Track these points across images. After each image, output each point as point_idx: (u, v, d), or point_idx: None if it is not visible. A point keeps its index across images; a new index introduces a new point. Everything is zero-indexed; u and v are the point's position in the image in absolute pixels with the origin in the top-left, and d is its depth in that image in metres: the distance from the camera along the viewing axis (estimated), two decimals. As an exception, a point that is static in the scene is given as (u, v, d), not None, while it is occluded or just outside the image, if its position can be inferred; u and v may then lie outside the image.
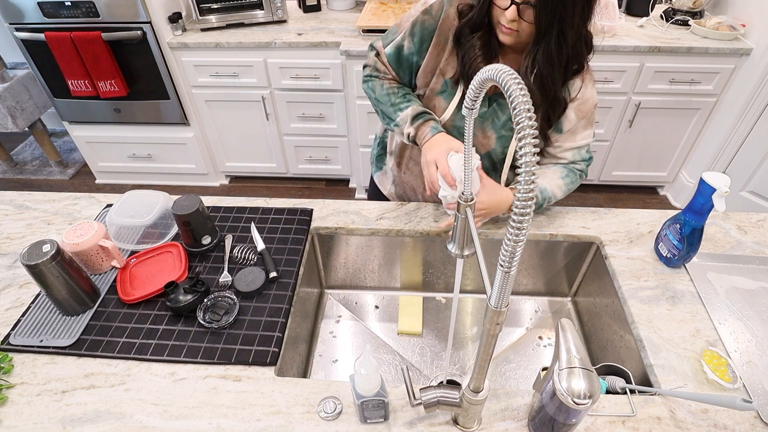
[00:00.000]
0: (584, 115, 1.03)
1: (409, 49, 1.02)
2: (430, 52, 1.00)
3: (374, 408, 0.74)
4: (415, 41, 1.00)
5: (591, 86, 1.01)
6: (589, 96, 1.01)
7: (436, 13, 0.96)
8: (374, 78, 1.09)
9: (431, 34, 0.98)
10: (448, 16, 0.96)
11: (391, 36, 1.04)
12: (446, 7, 0.95)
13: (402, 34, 1.01)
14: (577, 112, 1.02)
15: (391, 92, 1.06)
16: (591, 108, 1.03)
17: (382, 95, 1.07)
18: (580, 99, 1.00)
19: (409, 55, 1.02)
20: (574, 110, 1.01)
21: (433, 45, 0.99)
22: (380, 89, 1.08)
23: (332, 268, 1.29)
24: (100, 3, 2.07)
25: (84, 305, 0.96)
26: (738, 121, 2.16)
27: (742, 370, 0.85)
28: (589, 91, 1.00)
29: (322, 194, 2.76)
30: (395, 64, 1.05)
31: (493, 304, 0.52)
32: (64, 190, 2.75)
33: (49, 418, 0.80)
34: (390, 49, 1.04)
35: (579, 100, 1.00)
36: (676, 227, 0.99)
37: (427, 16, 0.97)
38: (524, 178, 0.39)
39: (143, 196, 1.15)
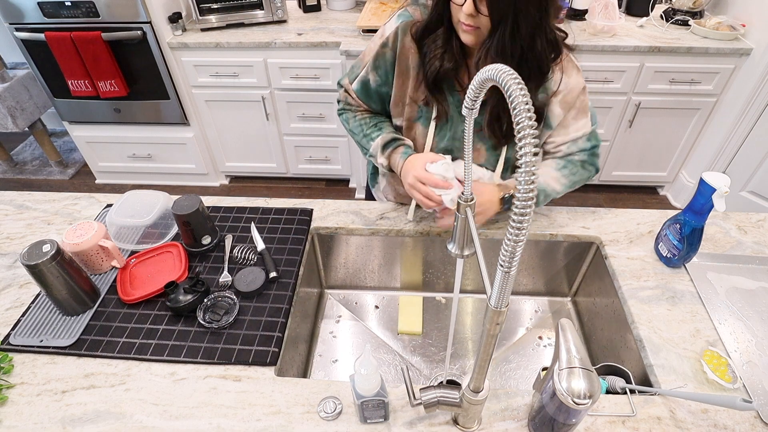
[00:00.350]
0: (571, 105, 0.99)
1: (376, 82, 1.03)
2: (396, 83, 1.01)
3: (374, 408, 0.74)
4: (380, 74, 1.02)
5: (575, 74, 0.96)
6: (574, 84, 0.97)
7: (393, 43, 0.97)
8: (347, 110, 1.12)
9: (393, 64, 0.99)
10: (404, 45, 0.96)
11: (356, 71, 1.05)
12: (401, 36, 0.96)
13: (365, 69, 1.03)
14: (562, 104, 0.98)
15: (363, 123, 1.08)
16: (577, 96, 0.98)
17: (354, 126, 1.09)
18: (563, 90, 0.96)
19: (377, 87, 1.04)
20: (558, 104, 0.98)
21: (396, 75, 1.00)
22: (353, 121, 1.10)
23: (332, 268, 1.29)
24: (100, 3, 2.07)
25: (84, 305, 0.96)
26: (738, 121, 2.16)
27: (742, 370, 0.85)
28: (572, 79, 0.96)
29: (322, 194, 2.76)
30: (364, 98, 1.07)
31: (493, 304, 0.52)
32: (64, 190, 2.75)
33: (49, 418, 0.80)
34: (356, 84, 1.05)
35: (562, 92, 0.96)
36: (676, 227, 0.99)
37: (385, 48, 0.98)
38: (524, 178, 0.39)
39: (143, 196, 1.15)
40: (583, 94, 0.99)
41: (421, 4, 0.96)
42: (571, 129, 1.02)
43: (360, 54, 1.06)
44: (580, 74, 0.98)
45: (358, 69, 1.05)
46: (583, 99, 1.00)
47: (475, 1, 0.81)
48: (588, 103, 1.01)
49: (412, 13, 0.96)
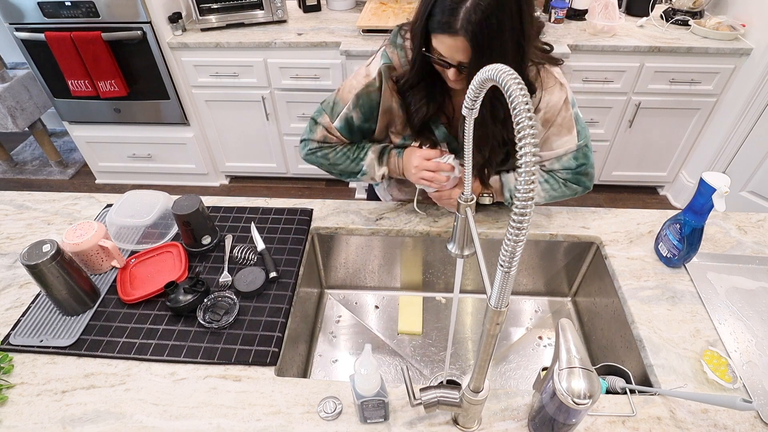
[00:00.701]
0: (552, 122, 0.97)
1: (359, 119, 1.03)
2: (381, 120, 1.03)
3: (374, 408, 0.74)
4: (363, 112, 1.02)
5: (557, 90, 0.94)
6: (555, 101, 0.94)
7: (377, 85, 0.99)
8: (323, 148, 1.08)
9: (377, 103, 1.01)
10: (387, 89, 0.98)
11: (336, 108, 1.04)
12: (385, 79, 0.97)
13: (348, 107, 1.02)
14: (542, 121, 0.96)
15: (347, 151, 1.08)
16: (558, 112, 0.95)
17: (338, 158, 1.08)
18: (542, 108, 0.95)
19: (361, 124, 1.04)
20: (538, 121, 0.95)
21: (380, 114, 1.02)
22: (334, 153, 1.08)
23: (332, 268, 1.29)
24: (100, 3, 2.07)
25: (84, 305, 0.96)
26: (738, 121, 2.16)
27: (742, 370, 0.85)
28: (554, 96, 0.94)
29: (322, 194, 2.76)
30: (348, 134, 1.06)
31: (493, 304, 0.52)
32: (64, 190, 2.75)
33: (49, 418, 0.80)
34: (339, 122, 1.04)
35: (542, 109, 0.95)
36: (676, 227, 0.99)
37: (370, 89, 0.99)
38: (524, 178, 0.39)
39: (143, 196, 1.15)
40: (565, 110, 0.96)
41: (399, 46, 0.96)
42: (555, 145, 1.00)
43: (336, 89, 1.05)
44: (564, 89, 0.95)
45: (338, 107, 1.04)
46: (565, 115, 0.97)
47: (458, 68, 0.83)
48: (572, 118, 0.98)
49: (390, 56, 0.97)
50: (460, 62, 0.82)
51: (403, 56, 0.96)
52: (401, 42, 0.96)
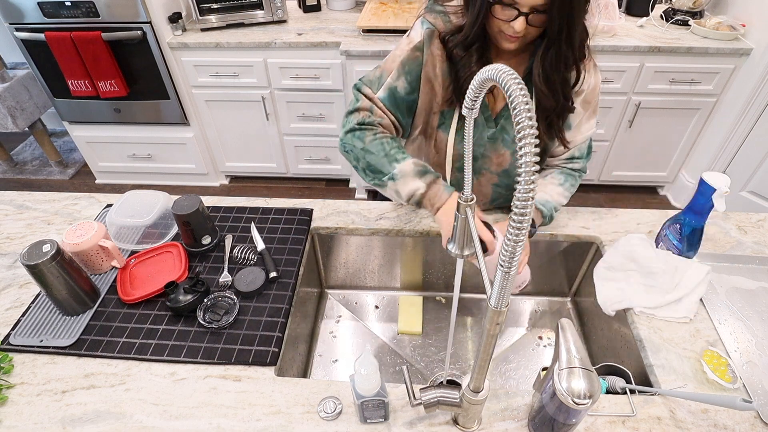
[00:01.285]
0: (590, 104, 0.99)
1: (404, 89, 0.96)
2: (423, 90, 0.96)
3: (374, 408, 0.74)
4: (409, 80, 0.96)
5: (594, 71, 0.96)
6: (594, 83, 0.97)
7: (423, 48, 0.93)
8: (365, 128, 0.97)
9: (420, 68, 0.95)
10: (431, 53, 0.93)
11: (379, 81, 0.98)
12: (428, 43, 0.92)
13: (392, 75, 0.95)
14: (583, 103, 0.98)
15: (385, 141, 0.96)
16: (596, 95, 0.99)
17: (374, 145, 0.96)
18: (585, 89, 0.96)
19: (405, 94, 0.97)
20: (580, 103, 0.98)
21: (423, 83, 0.96)
22: (372, 137, 0.96)
23: (332, 268, 1.29)
24: (100, 3, 2.07)
25: (84, 305, 0.96)
26: (738, 121, 2.16)
27: (742, 370, 0.85)
28: (593, 78, 0.96)
29: (322, 194, 2.76)
30: (392, 107, 0.98)
31: (493, 304, 0.52)
32: (64, 190, 2.75)
33: (49, 418, 0.80)
34: (383, 92, 0.96)
35: (585, 90, 0.96)
36: (676, 227, 0.99)
37: (417, 53, 0.94)
38: (524, 178, 0.39)
39: (143, 196, 1.15)
40: (599, 93, 0.99)
41: (440, 12, 0.93)
42: (584, 128, 1.02)
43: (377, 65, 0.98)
44: (598, 71, 0.97)
45: (381, 78, 0.97)
46: (598, 98, 1.00)
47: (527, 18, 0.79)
48: (598, 104, 1.02)
49: (432, 22, 0.93)
50: (534, 7, 0.78)
51: (448, 21, 0.91)
52: (441, 8, 0.93)
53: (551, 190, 1.06)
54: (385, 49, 2.05)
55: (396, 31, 2.14)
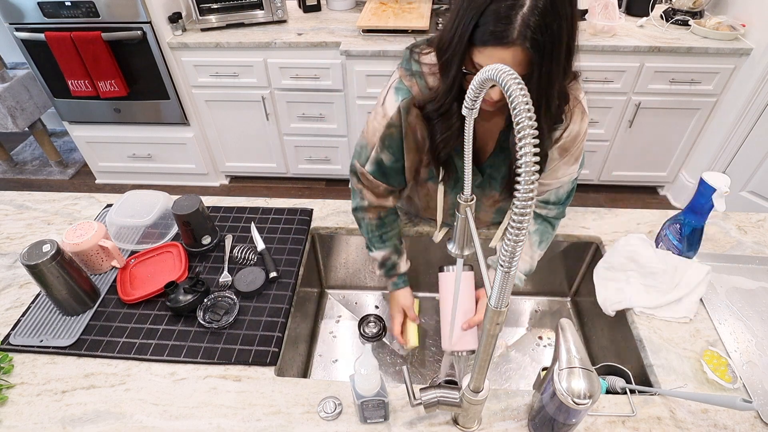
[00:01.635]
0: (568, 151, 0.93)
1: (390, 160, 0.97)
2: (407, 157, 0.96)
3: (374, 408, 0.74)
4: (392, 152, 0.96)
5: (579, 119, 0.89)
6: (577, 131, 0.90)
7: (397, 122, 0.90)
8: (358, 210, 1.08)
9: (401, 141, 0.93)
10: (409, 124, 0.90)
11: (365, 152, 0.99)
12: (404, 116, 0.89)
13: (375, 150, 0.96)
14: (560, 150, 0.92)
15: (370, 228, 1.08)
16: (577, 142, 0.93)
17: (364, 227, 1.09)
18: (565, 137, 0.90)
19: (392, 164, 0.98)
20: (557, 149, 0.92)
21: (406, 152, 0.95)
22: (362, 222, 1.09)
23: (332, 268, 1.29)
24: (100, 3, 2.07)
25: (84, 305, 0.96)
26: (738, 121, 2.16)
27: (742, 370, 0.85)
28: (576, 125, 0.89)
29: (322, 194, 2.76)
30: (381, 177, 1.00)
31: (493, 304, 0.52)
32: (64, 190, 2.75)
33: (49, 418, 0.80)
34: (369, 166, 0.99)
35: (564, 138, 0.90)
36: (676, 227, 0.99)
37: (391, 129, 0.91)
38: (524, 178, 0.39)
39: (143, 196, 1.15)
40: (581, 141, 0.94)
41: (416, 73, 0.87)
42: (560, 173, 0.97)
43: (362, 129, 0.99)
44: (586, 117, 0.91)
45: (367, 150, 0.98)
46: (580, 146, 0.94)
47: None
48: (582, 150, 0.96)
49: (409, 86, 0.88)
50: None
51: (424, 84, 0.86)
52: (418, 69, 0.87)
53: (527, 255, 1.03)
54: (385, 49, 2.05)
55: (396, 31, 2.14)
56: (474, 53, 0.72)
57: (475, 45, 0.71)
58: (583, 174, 2.56)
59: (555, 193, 1.01)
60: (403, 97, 0.88)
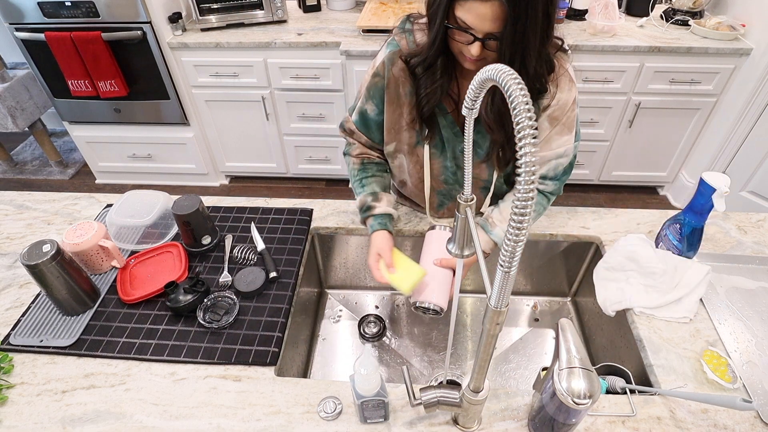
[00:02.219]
0: (558, 120, 0.94)
1: (373, 111, 1.02)
2: (387, 111, 1.00)
3: (374, 408, 0.74)
4: (376, 103, 1.01)
5: (567, 87, 0.91)
6: (566, 99, 0.92)
7: (383, 73, 0.96)
8: (347, 155, 1.12)
9: (382, 92, 0.98)
10: (392, 75, 0.95)
11: (354, 103, 1.06)
12: (389, 66, 0.94)
13: (362, 100, 1.02)
14: (550, 119, 0.94)
15: (353, 174, 1.10)
16: (566, 111, 0.94)
17: (350, 174, 1.12)
18: (553, 105, 0.92)
19: (375, 116, 1.03)
20: (546, 118, 0.94)
21: (387, 104, 0.99)
22: (348, 166, 1.12)
23: (332, 268, 1.29)
24: (100, 3, 2.07)
25: (84, 305, 0.96)
26: (738, 121, 2.16)
27: (742, 370, 0.85)
28: (564, 94, 0.91)
29: (322, 194, 2.76)
30: (364, 129, 1.06)
31: (493, 304, 0.52)
32: (64, 190, 2.75)
33: (49, 418, 0.80)
34: (355, 116, 1.05)
35: (552, 106, 0.92)
36: (676, 227, 0.99)
37: (377, 78, 0.97)
38: (524, 178, 0.39)
39: (143, 196, 1.15)
40: (572, 110, 0.95)
41: (407, 31, 0.94)
42: (554, 144, 0.98)
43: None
44: (574, 87, 0.93)
45: (356, 101, 1.05)
46: (571, 115, 0.95)
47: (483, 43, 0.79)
48: (575, 119, 0.97)
49: (398, 41, 0.94)
50: (488, 33, 0.77)
51: (413, 41, 0.93)
52: (410, 27, 0.94)
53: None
54: (385, 49, 2.05)
55: (396, 31, 2.14)
56: (456, 8, 0.77)
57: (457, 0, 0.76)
58: (583, 174, 2.57)
59: (553, 168, 1.01)
60: (391, 49, 0.95)
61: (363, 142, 1.09)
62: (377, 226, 1.04)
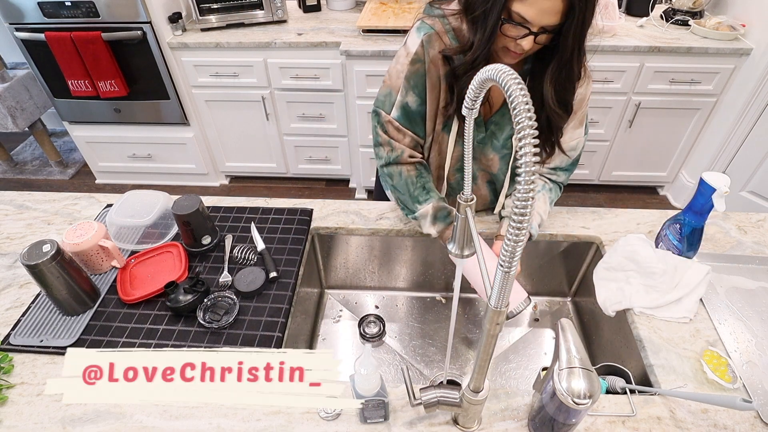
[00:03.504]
0: (575, 115, 0.97)
1: (415, 102, 0.97)
2: (429, 97, 0.96)
3: (374, 408, 0.74)
4: (417, 92, 0.96)
5: (586, 83, 0.95)
6: (583, 94, 0.95)
7: (422, 57, 0.92)
8: (392, 164, 1.02)
9: (425, 78, 0.94)
10: (431, 58, 0.91)
11: (389, 99, 0.98)
12: (428, 48, 0.91)
13: (401, 92, 0.96)
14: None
15: (410, 181, 1.01)
16: (583, 107, 0.98)
17: (400, 184, 1.02)
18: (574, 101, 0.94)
19: (417, 107, 0.97)
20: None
21: (429, 89, 0.95)
22: (398, 178, 1.02)
23: (332, 268, 1.29)
24: (100, 3, 2.07)
25: (84, 305, 0.96)
26: (738, 121, 2.16)
27: (742, 370, 0.85)
28: (583, 88, 0.94)
29: (322, 194, 2.76)
30: (408, 124, 0.99)
31: (493, 304, 0.52)
32: (64, 190, 2.75)
33: (49, 418, 0.80)
34: (396, 111, 0.98)
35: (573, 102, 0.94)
36: (676, 227, 0.99)
37: (417, 65, 0.93)
38: (524, 178, 0.39)
39: (143, 196, 1.15)
40: (586, 105, 0.98)
41: (438, 15, 0.91)
42: (568, 137, 1.00)
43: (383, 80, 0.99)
44: (590, 82, 0.96)
45: (392, 96, 0.97)
46: (585, 110, 0.99)
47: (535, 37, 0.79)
48: (586, 113, 1.00)
49: (431, 24, 0.91)
50: (544, 27, 0.78)
51: (447, 23, 0.90)
52: (439, 11, 0.91)
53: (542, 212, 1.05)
54: (385, 49, 2.05)
55: (396, 31, 2.14)
56: (514, 3, 0.76)
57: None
58: (583, 174, 2.57)
59: (563, 159, 1.04)
60: (425, 32, 0.91)
61: (407, 143, 1.01)
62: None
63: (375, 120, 1.02)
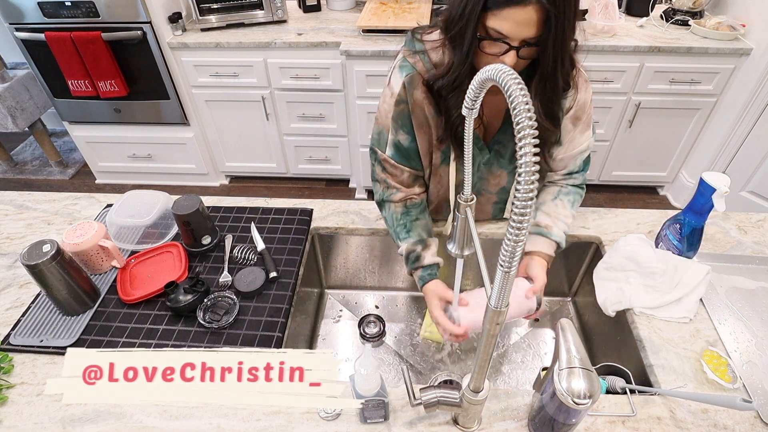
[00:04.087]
0: (580, 120, 0.96)
1: (407, 140, 0.97)
2: (418, 135, 0.96)
3: (374, 408, 0.74)
4: (407, 131, 0.96)
5: (584, 88, 0.93)
6: (584, 99, 0.94)
7: (405, 98, 0.91)
8: (385, 201, 1.04)
9: (410, 118, 0.94)
10: (414, 99, 0.91)
11: (383, 137, 0.99)
12: (410, 90, 0.90)
13: (391, 131, 0.97)
14: (573, 120, 0.96)
15: (395, 218, 1.03)
16: (587, 111, 0.96)
17: (388, 219, 1.05)
18: (574, 106, 0.93)
19: (409, 144, 0.98)
20: (570, 120, 0.95)
21: (416, 128, 0.95)
22: (387, 212, 1.04)
23: (332, 268, 1.29)
24: (100, 3, 2.07)
25: (84, 305, 0.96)
26: (738, 121, 2.16)
27: (742, 370, 0.85)
28: (581, 94, 0.93)
29: (322, 194, 2.76)
30: (403, 160, 1.00)
31: (493, 304, 0.52)
32: (64, 190, 2.74)
33: (49, 418, 0.80)
34: (389, 150, 0.99)
35: (573, 107, 0.93)
36: (676, 227, 0.99)
37: (401, 106, 0.93)
38: (524, 178, 0.39)
39: (143, 196, 1.15)
40: (590, 108, 0.97)
41: (419, 51, 0.89)
42: (577, 142, 0.99)
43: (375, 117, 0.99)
44: (589, 86, 0.94)
45: (384, 136, 0.98)
46: (589, 112, 0.97)
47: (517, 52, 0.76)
48: (591, 116, 0.99)
49: (413, 64, 0.89)
50: (525, 40, 0.75)
51: (427, 60, 0.88)
52: (421, 47, 0.89)
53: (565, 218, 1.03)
54: (385, 49, 2.05)
55: (396, 31, 2.14)
56: (488, 19, 0.74)
57: (490, 9, 0.73)
58: (583, 174, 2.57)
59: (575, 163, 1.03)
60: (407, 73, 0.90)
61: (404, 179, 1.02)
62: (428, 278, 0.98)
63: (372, 158, 1.03)
